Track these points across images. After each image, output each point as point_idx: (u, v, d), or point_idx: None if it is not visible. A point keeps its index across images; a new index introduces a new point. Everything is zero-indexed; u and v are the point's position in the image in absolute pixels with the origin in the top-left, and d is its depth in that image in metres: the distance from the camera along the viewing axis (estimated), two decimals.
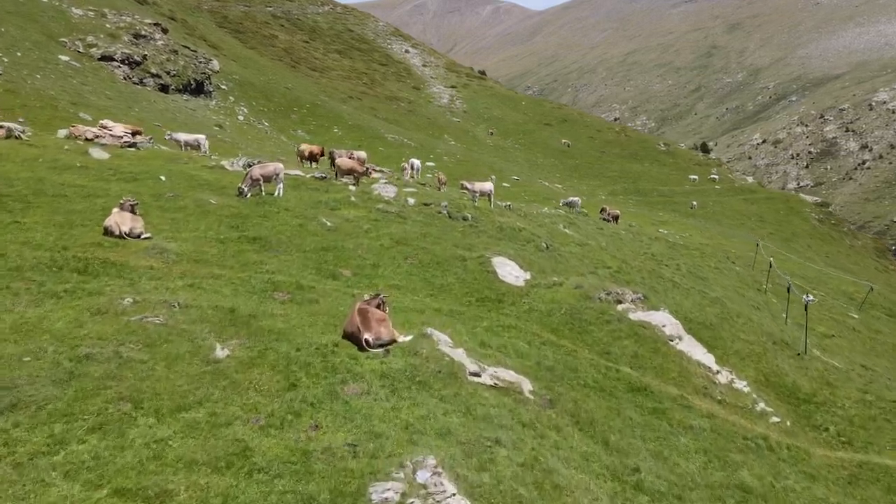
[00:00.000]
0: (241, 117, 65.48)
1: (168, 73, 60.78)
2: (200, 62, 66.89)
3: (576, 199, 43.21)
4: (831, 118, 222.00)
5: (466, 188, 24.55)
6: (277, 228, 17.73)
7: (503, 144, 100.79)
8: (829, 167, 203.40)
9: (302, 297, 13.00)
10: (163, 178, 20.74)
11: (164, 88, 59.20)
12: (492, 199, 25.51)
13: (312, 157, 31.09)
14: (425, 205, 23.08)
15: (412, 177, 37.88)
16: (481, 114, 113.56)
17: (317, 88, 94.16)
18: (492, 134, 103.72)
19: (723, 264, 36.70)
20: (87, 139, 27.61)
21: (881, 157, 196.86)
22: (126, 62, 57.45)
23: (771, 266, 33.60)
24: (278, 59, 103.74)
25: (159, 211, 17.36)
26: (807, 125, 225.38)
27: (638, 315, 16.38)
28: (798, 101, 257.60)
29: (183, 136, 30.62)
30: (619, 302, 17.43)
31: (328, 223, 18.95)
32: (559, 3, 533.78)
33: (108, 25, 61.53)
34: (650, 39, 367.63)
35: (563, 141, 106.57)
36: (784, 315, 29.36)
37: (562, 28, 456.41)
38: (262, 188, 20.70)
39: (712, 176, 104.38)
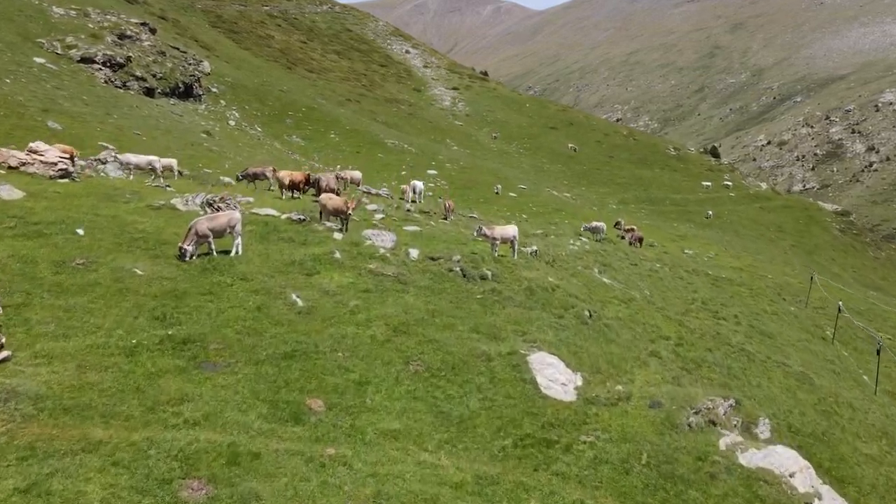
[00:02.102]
0: (232, 122, 60.45)
1: (154, 75, 55.91)
2: (190, 64, 61.96)
3: (600, 223, 37.87)
4: (837, 119, 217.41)
5: (486, 235, 19.18)
6: (224, 316, 12.35)
7: (507, 149, 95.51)
8: (835, 169, 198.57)
9: (232, 492, 7.62)
10: (80, 231, 15.31)
11: (149, 92, 54.42)
12: (515, 247, 20.07)
13: (294, 187, 25.35)
14: (432, 259, 17.69)
15: (414, 201, 32.71)
16: (484, 117, 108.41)
17: (314, 91, 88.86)
18: (495, 138, 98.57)
19: (777, 306, 31.42)
20: (10, 167, 22.22)
21: (888, 159, 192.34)
22: (108, 64, 52.50)
23: (840, 311, 28.37)
24: (274, 60, 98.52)
25: (52, 294, 11.93)
26: (812, 126, 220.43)
27: (751, 458, 11.05)
28: (803, 101, 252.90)
29: (133, 159, 24.67)
30: (714, 423, 12.12)
31: (300, 302, 13.58)
32: (560, 3, 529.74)
33: (90, 25, 56.73)
34: (652, 39, 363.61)
35: (570, 145, 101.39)
36: (866, 378, 24.28)
37: (563, 28, 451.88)
38: (213, 246, 15.31)
39: (725, 182, 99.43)
